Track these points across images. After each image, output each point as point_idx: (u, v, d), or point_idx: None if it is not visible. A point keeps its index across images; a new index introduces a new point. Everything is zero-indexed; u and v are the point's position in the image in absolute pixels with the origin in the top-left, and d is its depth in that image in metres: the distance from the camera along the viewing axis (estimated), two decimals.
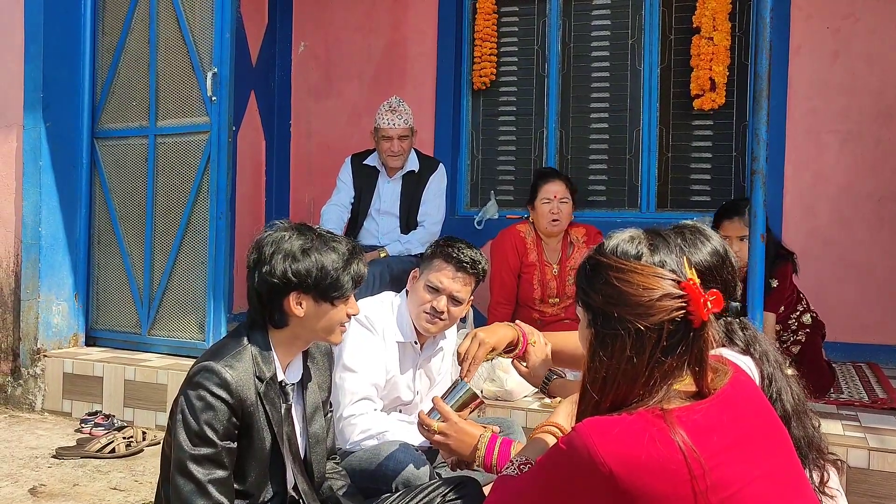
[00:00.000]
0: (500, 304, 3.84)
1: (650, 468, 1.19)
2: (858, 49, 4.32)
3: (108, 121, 4.21)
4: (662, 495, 1.19)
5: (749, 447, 1.28)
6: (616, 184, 4.86)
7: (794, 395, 1.61)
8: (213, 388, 1.73)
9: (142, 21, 4.10)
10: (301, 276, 1.79)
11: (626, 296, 1.29)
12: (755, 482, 1.25)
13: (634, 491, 1.19)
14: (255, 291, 1.83)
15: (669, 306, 1.26)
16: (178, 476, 1.71)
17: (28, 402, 4.00)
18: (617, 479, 1.20)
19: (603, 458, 1.20)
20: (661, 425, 1.22)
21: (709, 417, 1.26)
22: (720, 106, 4.54)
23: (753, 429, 1.31)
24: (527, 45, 5.02)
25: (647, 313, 1.26)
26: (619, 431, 1.23)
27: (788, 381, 1.64)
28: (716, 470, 1.21)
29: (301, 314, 1.82)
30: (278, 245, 1.81)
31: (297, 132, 5.43)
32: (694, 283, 1.28)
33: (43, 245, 4.04)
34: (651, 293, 1.27)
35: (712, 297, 1.26)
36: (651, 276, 1.29)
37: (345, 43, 5.28)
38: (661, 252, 1.43)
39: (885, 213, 4.28)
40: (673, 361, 1.26)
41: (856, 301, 4.27)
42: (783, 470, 1.32)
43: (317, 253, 1.81)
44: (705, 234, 1.74)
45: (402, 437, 2.33)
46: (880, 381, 3.69)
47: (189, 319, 3.94)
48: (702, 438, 1.22)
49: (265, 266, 1.80)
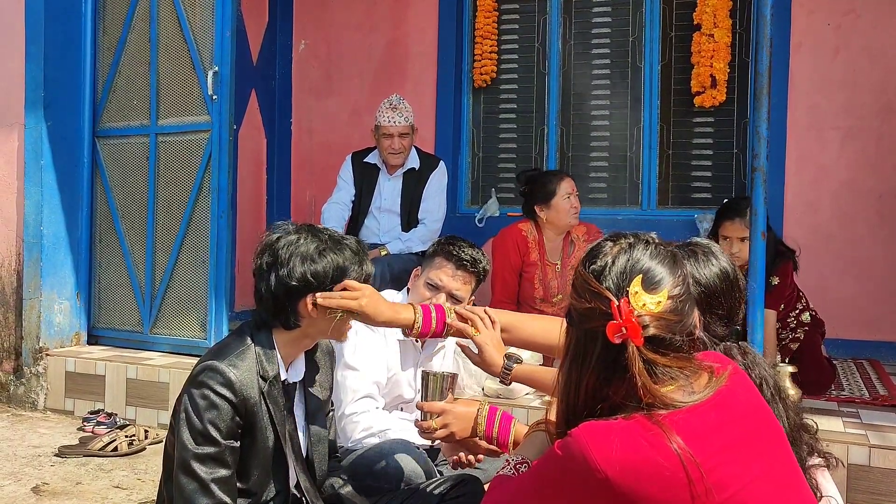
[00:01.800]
0: (502, 302, 3.84)
1: (647, 473, 1.20)
2: (859, 45, 4.32)
3: (110, 119, 4.21)
4: (660, 500, 1.20)
5: (746, 448, 1.28)
6: (617, 181, 4.86)
7: (789, 421, 1.61)
8: (216, 387, 1.73)
9: (142, 20, 4.10)
10: (319, 278, 1.81)
11: (574, 296, 1.31)
12: (753, 483, 1.25)
13: (631, 496, 1.20)
14: (272, 294, 1.82)
15: (597, 319, 1.26)
16: (181, 475, 1.72)
17: (30, 400, 4.01)
18: (613, 484, 1.20)
19: (599, 463, 1.21)
20: (657, 430, 1.22)
21: (706, 420, 1.26)
22: (721, 103, 4.54)
23: (751, 429, 1.31)
24: (527, 43, 5.02)
25: (584, 318, 1.29)
26: (614, 437, 1.23)
27: (786, 407, 1.64)
28: (713, 473, 1.21)
29: (315, 315, 1.83)
30: (295, 248, 1.82)
31: (298, 130, 5.43)
32: (629, 305, 1.25)
33: (45, 244, 4.05)
34: (584, 304, 1.29)
35: (629, 324, 1.24)
36: (593, 286, 1.29)
37: (345, 41, 5.28)
38: (625, 255, 1.36)
39: (886, 209, 4.28)
40: (619, 375, 1.25)
41: (857, 297, 4.27)
42: (781, 470, 1.32)
43: (332, 253, 1.83)
44: (716, 255, 1.74)
45: (403, 435, 2.34)
46: (881, 378, 3.69)
47: (191, 318, 3.95)
48: (698, 442, 1.22)
49: (283, 269, 1.80)
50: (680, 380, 1.29)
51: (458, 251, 2.41)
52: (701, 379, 1.31)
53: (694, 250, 1.74)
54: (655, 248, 1.35)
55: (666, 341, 1.27)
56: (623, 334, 1.23)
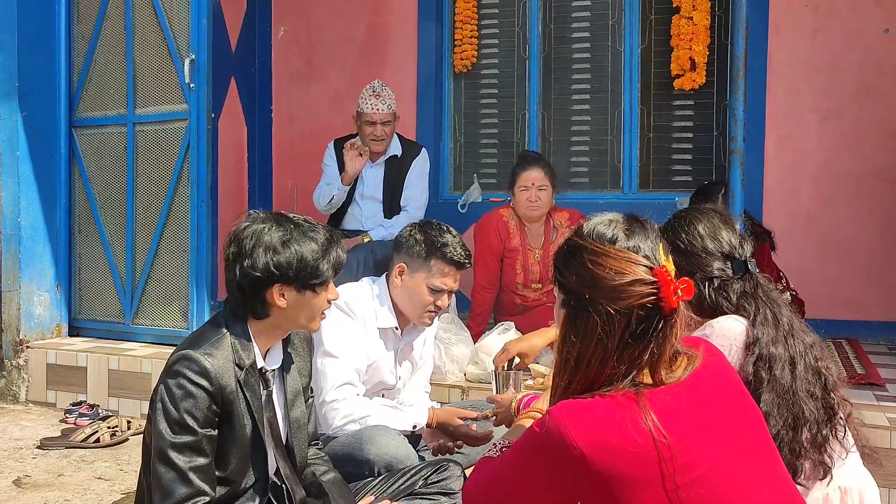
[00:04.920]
0: (484, 287, 3.85)
1: (620, 452, 1.22)
2: (837, 27, 4.33)
3: (86, 109, 4.17)
4: (632, 477, 1.22)
5: (719, 428, 1.30)
6: (598, 165, 4.86)
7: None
8: (192, 376, 1.73)
9: (117, 7, 4.05)
10: (283, 269, 1.80)
11: (598, 279, 1.30)
12: (725, 463, 1.27)
13: (605, 473, 1.22)
14: (237, 284, 1.82)
15: (640, 292, 1.28)
16: (159, 464, 1.72)
17: (12, 393, 3.98)
18: (588, 461, 1.22)
19: (574, 441, 1.23)
20: (634, 408, 1.25)
21: (679, 400, 1.29)
22: (701, 86, 4.55)
23: (724, 410, 1.34)
24: (508, 28, 5.00)
25: (619, 297, 1.28)
26: (590, 415, 1.25)
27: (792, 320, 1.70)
28: (685, 453, 1.24)
29: (284, 305, 1.82)
30: (258, 238, 1.80)
31: (279, 118, 5.39)
32: (666, 270, 1.30)
33: (23, 236, 4.01)
34: (623, 277, 1.29)
35: (683, 285, 1.28)
36: (624, 260, 1.31)
37: (325, 27, 5.25)
38: (636, 237, 1.47)
39: (864, 190, 4.31)
40: (641, 346, 1.28)
41: (836, 278, 4.31)
42: (754, 450, 1.34)
43: (296, 244, 1.81)
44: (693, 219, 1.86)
45: (384, 421, 2.35)
46: (859, 357, 3.74)
47: (172, 308, 3.93)
48: (672, 421, 1.25)
49: (246, 259, 1.79)
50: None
51: (453, 252, 2.43)
52: (681, 361, 1.35)
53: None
54: (635, 222, 1.47)
55: None
56: (680, 296, 1.27)
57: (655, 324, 1.28)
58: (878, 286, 4.26)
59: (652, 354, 1.29)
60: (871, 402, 2.92)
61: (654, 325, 1.28)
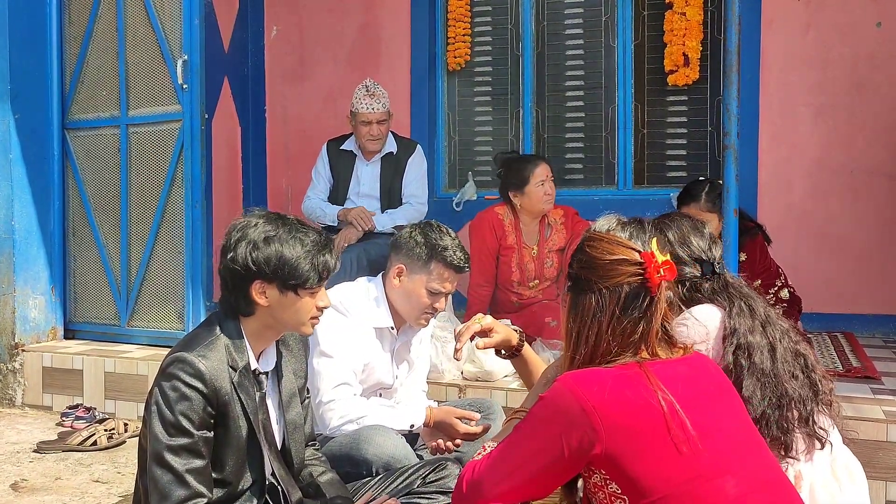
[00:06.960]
0: (480, 285, 3.85)
1: (627, 405, 1.35)
2: (830, 21, 4.33)
3: (79, 111, 4.16)
4: (640, 428, 1.34)
5: (714, 399, 1.45)
6: (593, 162, 4.86)
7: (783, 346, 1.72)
8: (186, 379, 1.73)
9: (109, 9, 4.03)
10: (260, 265, 1.79)
11: (593, 259, 1.50)
12: (719, 431, 1.39)
13: (614, 426, 1.34)
14: (222, 278, 1.85)
15: (628, 271, 1.46)
16: (155, 467, 1.71)
17: (8, 397, 3.97)
18: (598, 414, 1.35)
19: (584, 396, 1.36)
20: (637, 372, 1.40)
21: (678, 370, 1.44)
22: (694, 81, 4.55)
23: (716, 388, 1.48)
24: (501, 25, 5.00)
25: (609, 275, 1.46)
26: (596, 377, 1.40)
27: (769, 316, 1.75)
28: (687, 409, 1.37)
29: (265, 303, 1.82)
30: (244, 232, 1.81)
31: (273, 117, 5.38)
32: (653, 253, 1.46)
33: (17, 239, 4.00)
34: (612, 256, 1.48)
35: (666, 266, 1.45)
36: (616, 244, 1.51)
37: (318, 26, 5.23)
38: (631, 228, 1.77)
39: (858, 184, 4.32)
40: (632, 322, 1.44)
41: (831, 272, 4.32)
42: (743, 424, 1.47)
43: (278, 243, 1.80)
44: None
45: (381, 421, 2.35)
46: (855, 350, 3.74)
47: (168, 309, 3.93)
48: (672, 385, 1.39)
49: (230, 253, 1.80)
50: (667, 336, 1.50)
51: (453, 257, 2.44)
52: (678, 349, 1.51)
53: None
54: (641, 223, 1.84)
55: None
56: (662, 275, 1.44)
57: (642, 302, 1.45)
58: (872, 280, 4.27)
59: (643, 332, 1.45)
60: (867, 396, 2.93)
61: (641, 303, 1.45)
